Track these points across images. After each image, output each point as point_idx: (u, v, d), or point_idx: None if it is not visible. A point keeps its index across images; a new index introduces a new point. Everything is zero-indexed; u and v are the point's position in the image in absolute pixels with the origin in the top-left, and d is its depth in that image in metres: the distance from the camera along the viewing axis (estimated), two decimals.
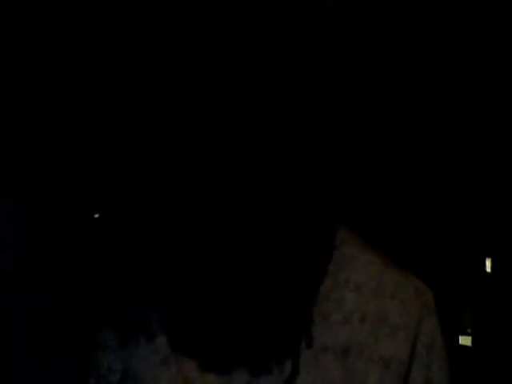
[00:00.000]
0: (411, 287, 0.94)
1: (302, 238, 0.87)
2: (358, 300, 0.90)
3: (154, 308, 0.87)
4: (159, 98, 0.83)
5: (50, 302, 0.87)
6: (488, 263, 2.60)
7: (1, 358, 0.86)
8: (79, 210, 0.93)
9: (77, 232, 0.91)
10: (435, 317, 0.94)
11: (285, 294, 0.86)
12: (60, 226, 0.92)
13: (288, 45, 0.81)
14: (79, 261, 0.89)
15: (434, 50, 2.43)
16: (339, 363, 0.87)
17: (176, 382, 0.85)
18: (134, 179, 0.87)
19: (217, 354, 0.85)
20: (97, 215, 0.92)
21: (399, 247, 1.00)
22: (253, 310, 0.85)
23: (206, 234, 0.84)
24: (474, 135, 2.52)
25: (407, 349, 0.91)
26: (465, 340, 2.57)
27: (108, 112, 0.84)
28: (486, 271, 2.60)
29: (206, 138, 0.82)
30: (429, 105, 2.48)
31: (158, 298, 0.87)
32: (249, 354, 0.85)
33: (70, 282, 0.88)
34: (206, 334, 0.85)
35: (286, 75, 0.82)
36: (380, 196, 2.45)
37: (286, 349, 0.85)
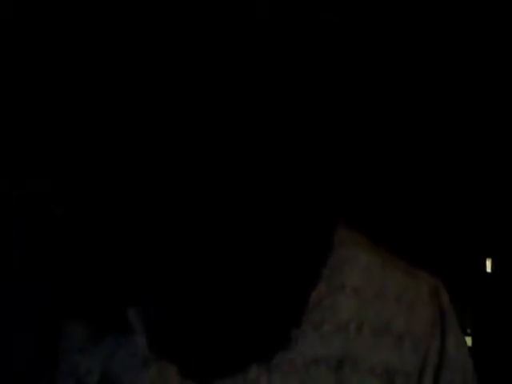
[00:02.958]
0: (423, 289, 0.86)
1: (293, 240, 0.82)
2: (355, 306, 0.83)
3: (135, 307, 0.84)
4: (157, 98, 0.83)
5: (50, 301, 0.86)
6: (488, 263, 2.60)
7: (1, 358, 0.86)
8: (76, 209, 0.92)
9: (75, 232, 0.91)
10: (451, 321, 0.87)
11: (271, 301, 0.81)
12: (59, 227, 0.92)
13: (288, 45, 0.81)
14: (78, 261, 0.88)
15: (435, 50, 2.43)
16: (332, 376, 0.81)
17: None
18: (128, 180, 0.86)
19: (197, 361, 0.81)
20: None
21: (398, 247, 0.96)
22: (235, 317, 0.80)
23: (193, 231, 0.81)
24: (473, 135, 2.52)
25: (416, 360, 0.83)
26: None
27: (107, 113, 0.84)
28: (486, 271, 2.60)
29: (202, 136, 0.81)
30: (429, 104, 2.48)
31: (139, 296, 0.84)
32: (228, 363, 0.80)
33: (68, 282, 0.87)
34: (186, 338, 0.81)
35: (286, 75, 0.82)
36: (380, 196, 2.44)
37: (268, 360, 0.80)
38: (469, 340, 2.57)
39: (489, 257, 2.60)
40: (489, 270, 2.60)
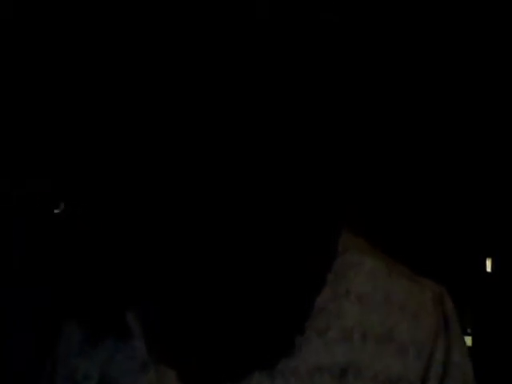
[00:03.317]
0: (427, 297, 0.84)
1: (298, 244, 0.81)
2: (359, 313, 0.82)
3: (134, 310, 0.83)
4: (157, 98, 0.83)
5: (50, 301, 0.86)
6: (488, 263, 2.60)
7: (1, 358, 0.85)
8: (76, 209, 0.92)
9: (75, 232, 0.90)
10: (455, 329, 0.85)
11: (274, 305, 0.79)
12: (59, 227, 0.92)
13: (288, 45, 0.81)
14: (77, 261, 0.88)
15: (435, 50, 2.43)
16: None
17: None
18: (128, 181, 0.85)
19: (197, 365, 0.79)
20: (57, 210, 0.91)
21: (399, 248, 0.95)
22: (237, 321, 0.79)
23: (196, 236, 0.79)
24: (473, 135, 2.52)
25: (419, 368, 0.81)
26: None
27: (107, 113, 0.84)
28: (486, 271, 2.60)
29: (203, 138, 0.81)
30: (429, 105, 2.48)
31: (139, 298, 0.83)
32: (230, 368, 0.78)
33: (68, 282, 0.87)
34: (186, 342, 0.80)
35: (286, 75, 0.81)
36: (380, 196, 2.44)
37: (271, 366, 0.79)
38: (469, 340, 2.57)
39: (489, 257, 2.60)
40: (489, 269, 2.60)
